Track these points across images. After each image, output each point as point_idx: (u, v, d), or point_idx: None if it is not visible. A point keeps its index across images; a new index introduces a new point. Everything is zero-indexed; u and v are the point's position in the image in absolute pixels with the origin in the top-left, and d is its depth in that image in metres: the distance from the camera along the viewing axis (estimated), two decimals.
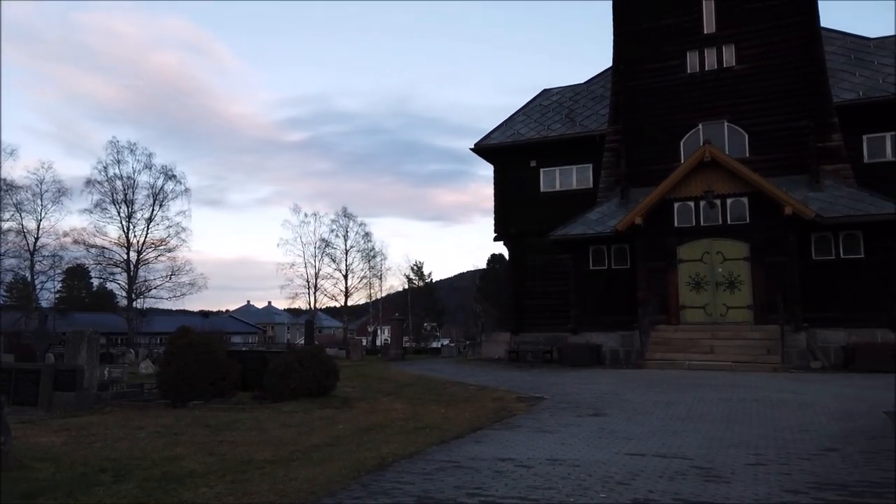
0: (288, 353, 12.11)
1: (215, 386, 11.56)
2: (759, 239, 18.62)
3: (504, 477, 5.79)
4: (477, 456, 6.74)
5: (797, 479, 5.64)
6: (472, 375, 16.73)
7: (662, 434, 7.91)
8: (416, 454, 6.90)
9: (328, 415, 9.90)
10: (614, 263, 20.89)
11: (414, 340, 58.84)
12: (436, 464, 6.40)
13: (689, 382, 13.26)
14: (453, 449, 7.18)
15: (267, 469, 6.18)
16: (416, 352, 40.92)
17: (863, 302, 17.81)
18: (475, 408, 10.54)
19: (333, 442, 7.64)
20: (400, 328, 31.95)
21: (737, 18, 21.27)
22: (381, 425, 8.91)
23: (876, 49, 22.62)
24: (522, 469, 6.10)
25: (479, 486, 5.49)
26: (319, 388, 11.63)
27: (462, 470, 6.10)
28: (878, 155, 20.71)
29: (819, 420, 8.78)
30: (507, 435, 8.04)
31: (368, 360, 28.83)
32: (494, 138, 26.33)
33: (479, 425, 8.82)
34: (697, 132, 21.29)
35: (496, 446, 7.29)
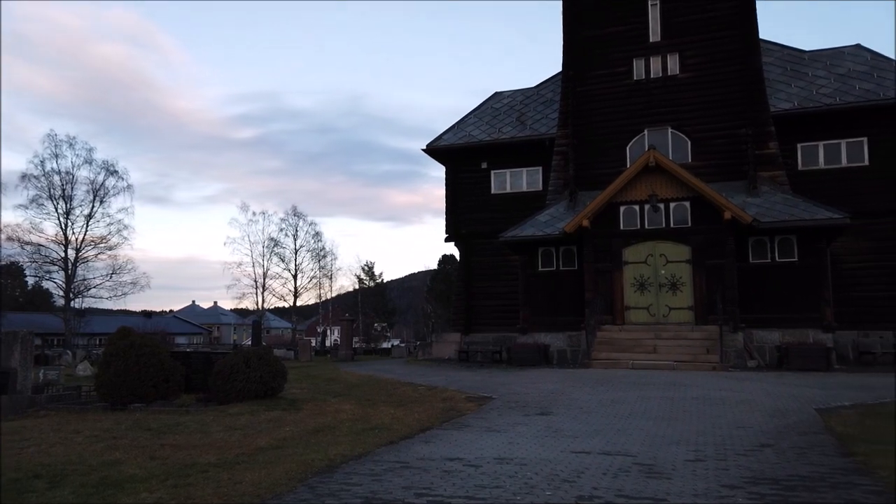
0: (234, 355, 11.87)
1: (158, 388, 11.24)
2: (700, 242, 19.25)
3: (452, 476, 5.83)
4: (426, 456, 6.76)
5: (734, 474, 5.86)
6: (422, 376, 16.74)
7: (607, 432, 8.09)
8: (364, 455, 6.87)
9: (275, 417, 9.75)
10: (563, 265, 21.25)
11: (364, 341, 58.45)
12: (384, 464, 6.39)
13: (633, 381, 13.60)
14: (402, 449, 7.18)
15: (211, 473, 6.06)
16: (366, 352, 40.67)
17: (796, 303, 18.61)
18: (425, 408, 10.56)
19: (280, 444, 7.54)
20: (350, 329, 31.71)
21: (680, 28, 21.93)
22: (330, 427, 8.84)
23: (810, 61, 23.69)
24: (471, 468, 6.16)
25: (428, 486, 5.52)
26: (266, 390, 11.44)
27: (411, 470, 6.11)
28: (811, 163, 21.70)
29: (755, 417, 9.13)
30: (455, 435, 8.08)
31: (318, 360, 28.51)
32: (446, 139, 26.42)
33: (429, 425, 8.84)
34: (643, 138, 21.86)
35: (445, 446, 7.32)
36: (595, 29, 22.94)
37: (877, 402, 10.45)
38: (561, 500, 5.03)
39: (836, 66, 22.98)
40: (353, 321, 41.08)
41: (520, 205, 24.18)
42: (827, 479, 5.63)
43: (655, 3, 22.31)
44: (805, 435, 7.80)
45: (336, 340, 53.81)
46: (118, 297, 44.40)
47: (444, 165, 26.80)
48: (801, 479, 5.63)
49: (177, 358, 12.29)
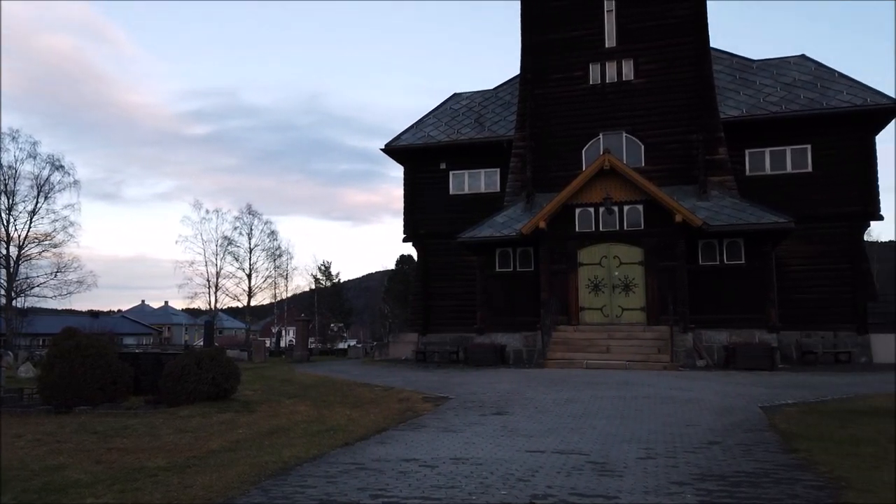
0: (185, 356, 11.60)
1: (104, 391, 10.91)
2: (653, 244, 19.69)
3: (408, 477, 5.83)
4: (381, 457, 6.74)
5: (683, 471, 6.02)
6: (378, 376, 16.67)
7: (561, 431, 8.21)
8: (319, 457, 6.81)
9: (228, 419, 9.57)
10: (519, 266, 21.45)
11: (320, 341, 57.81)
12: (340, 466, 6.34)
13: (587, 381, 13.82)
14: (358, 451, 7.14)
15: (160, 477, 5.91)
16: (322, 353, 40.23)
17: (743, 304, 19.21)
18: (381, 409, 10.53)
19: (233, 447, 7.40)
20: (306, 329, 31.32)
21: (635, 35, 22.40)
22: (284, 428, 8.73)
23: (758, 70, 24.49)
24: (426, 469, 6.16)
25: (383, 487, 5.50)
26: (219, 392, 11.22)
27: (366, 471, 6.08)
28: (758, 168, 22.44)
29: (703, 415, 9.39)
30: (412, 435, 8.08)
31: (272, 361, 28.08)
32: (405, 139, 26.37)
33: (385, 426, 8.82)
34: (598, 141, 22.24)
35: (401, 447, 7.31)
36: (553, 33, 23.23)
37: (818, 401, 10.87)
38: (516, 499, 5.08)
39: (782, 76, 23.82)
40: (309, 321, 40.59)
41: (478, 206, 24.30)
42: (771, 475, 5.83)
43: (611, 10, 22.73)
44: (750, 432, 8.06)
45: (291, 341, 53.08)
46: (63, 297, 42.89)
47: (403, 165, 26.75)
48: (746, 475, 5.82)
49: (125, 359, 11.95)
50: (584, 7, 22.95)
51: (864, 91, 22.04)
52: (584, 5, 22.97)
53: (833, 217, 21.57)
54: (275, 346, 45.54)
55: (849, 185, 21.62)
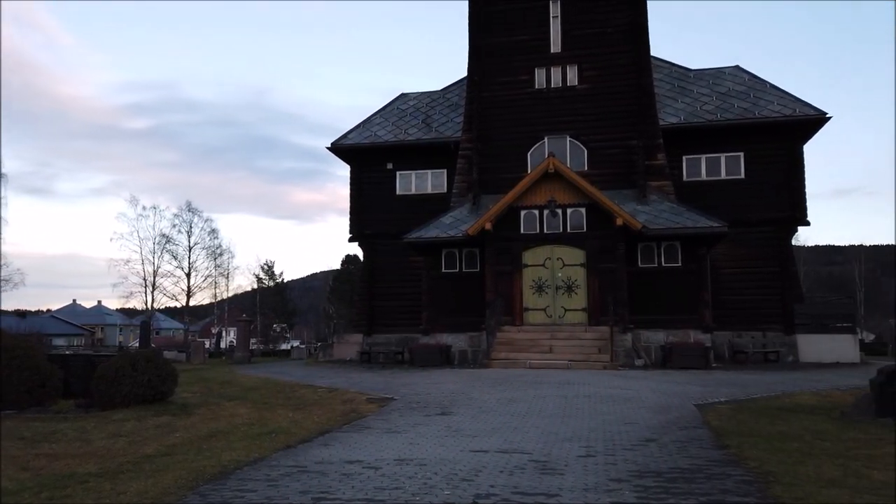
0: (119, 357, 11.19)
1: (32, 394, 10.41)
2: (595, 247, 20.14)
3: (351, 479, 5.79)
4: (324, 459, 6.67)
5: (621, 468, 6.18)
6: (322, 377, 16.48)
7: (505, 430, 8.30)
8: (260, 460, 6.69)
9: (164, 422, 9.29)
10: (465, 267, 21.59)
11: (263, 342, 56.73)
12: (281, 469, 6.25)
13: (530, 380, 14.02)
14: (300, 453, 7.05)
15: (91, 483, 5.69)
16: (264, 354, 39.49)
17: (679, 305, 19.86)
18: (324, 410, 10.41)
19: (169, 451, 7.19)
20: (247, 330, 30.68)
21: (578, 42, 22.87)
22: (224, 431, 8.53)
23: (695, 79, 25.38)
24: (370, 470, 6.14)
25: (326, 489, 5.45)
26: (155, 394, 10.87)
27: (308, 474, 6.01)
28: (695, 174, 23.25)
29: (641, 413, 9.67)
30: (355, 437, 8.03)
31: (212, 363, 27.38)
32: (351, 139, 26.17)
33: (328, 428, 8.73)
34: (543, 145, 22.60)
35: (344, 449, 7.26)
36: (499, 36, 23.48)
37: (748, 398, 11.34)
38: (459, 499, 5.12)
39: (718, 85, 24.75)
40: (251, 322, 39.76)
41: (425, 206, 24.32)
42: (704, 471, 6.06)
43: (556, 16, 23.14)
44: (685, 429, 8.34)
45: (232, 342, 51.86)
46: None
47: (350, 165, 26.54)
48: (681, 472, 6.02)
49: (55, 361, 11.44)
50: (531, 12, 23.29)
51: (793, 102, 23.13)
52: (530, 11, 23.31)
53: (763, 222, 22.54)
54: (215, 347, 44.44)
55: (778, 191, 22.64)
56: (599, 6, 22.86)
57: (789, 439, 7.47)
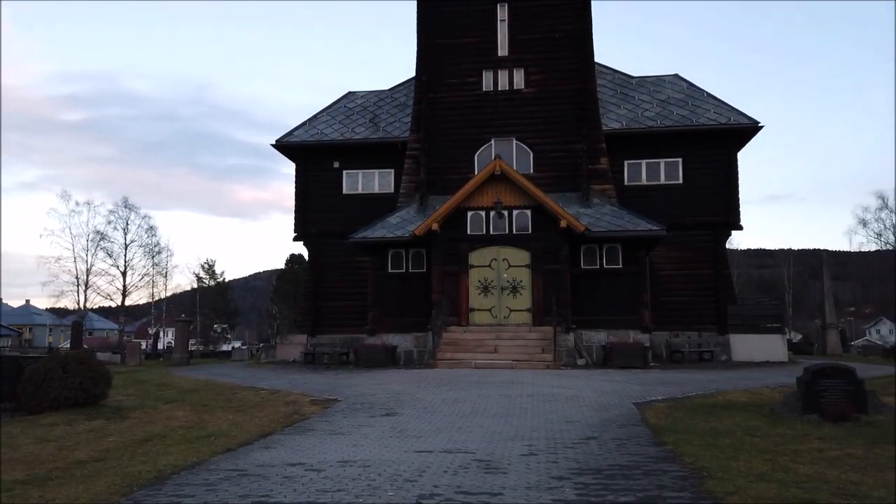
0: (49, 359, 10.71)
1: None
2: (539, 248, 20.45)
3: (293, 482, 5.70)
4: (266, 462, 6.55)
5: (562, 466, 6.30)
6: (264, 379, 16.17)
7: (449, 430, 8.34)
8: (198, 464, 6.52)
9: (97, 426, 8.94)
10: (412, 267, 21.56)
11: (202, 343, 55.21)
12: (220, 473, 6.10)
13: (474, 380, 14.11)
14: (241, 456, 6.91)
15: (17, 491, 5.42)
16: (203, 355, 38.45)
17: (620, 306, 20.36)
18: (266, 413, 10.22)
19: (102, 456, 6.93)
20: (186, 330, 29.81)
21: (525, 46, 23.18)
22: (160, 435, 8.27)
23: (637, 86, 26.09)
24: (313, 473, 6.06)
25: (267, 493, 5.35)
26: (87, 398, 10.44)
27: (249, 478, 5.89)
28: (636, 178, 23.88)
29: (582, 412, 9.87)
30: (298, 439, 7.91)
31: (148, 365, 26.48)
32: (297, 136, 25.77)
33: (270, 430, 8.58)
34: (490, 147, 22.79)
35: (287, 451, 7.14)
36: (448, 38, 23.56)
37: (684, 396, 11.73)
38: (402, 500, 5.11)
39: (658, 93, 25.51)
40: (190, 322, 38.67)
41: (371, 206, 24.15)
42: (642, 468, 6.23)
43: (504, 20, 23.39)
44: (624, 427, 8.56)
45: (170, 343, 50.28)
46: None
47: (295, 162, 26.13)
48: (620, 469, 6.18)
49: None
50: (479, 15, 23.46)
51: (729, 111, 24.05)
52: (478, 13, 23.48)
53: (700, 226, 23.34)
54: (152, 348, 43.02)
55: (714, 196, 23.49)
56: (546, 12, 23.21)
57: (722, 435, 7.76)
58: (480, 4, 23.51)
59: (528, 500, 5.13)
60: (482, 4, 23.50)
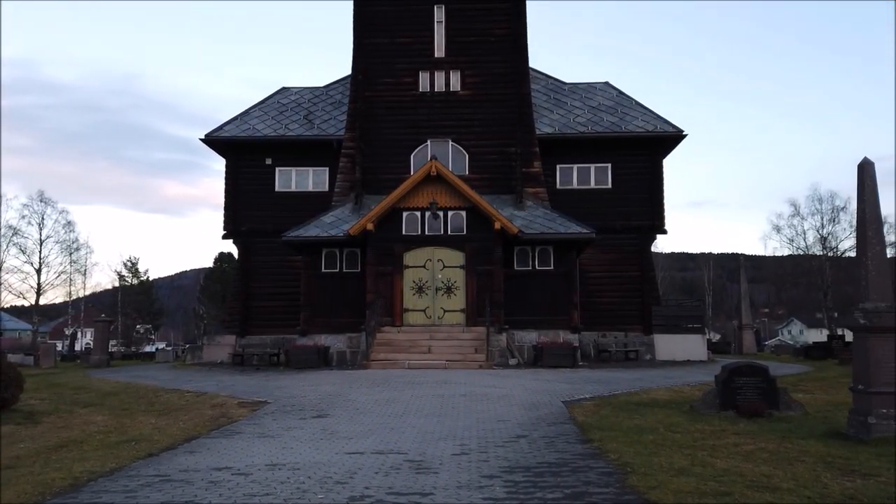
0: None
1: None
2: (474, 249, 20.64)
3: (219, 487, 5.55)
4: (190, 467, 6.35)
5: (493, 464, 6.39)
6: (190, 381, 15.65)
7: (381, 431, 8.31)
8: (118, 470, 6.25)
9: (7, 432, 8.43)
10: (346, 267, 21.35)
11: (124, 345, 52.87)
12: (141, 479, 5.87)
13: (408, 381, 14.11)
14: (163, 461, 6.67)
15: None
16: (125, 357, 36.82)
17: (551, 307, 20.79)
18: (191, 416, 9.90)
19: (12, 464, 6.54)
20: (106, 331, 28.49)
21: (461, 48, 23.34)
22: (76, 441, 7.89)
23: (569, 92, 26.72)
24: (240, 477, 5.92)
25: (190, 499, 5.19)
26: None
27: (172, 483, 5.70)
28: (567, 182, 24.45)
29: (513, 411, 10.03)
30: (224, 443, 7.71)
31: (64, 367, 25.16)
32: (227, 131, 25.07)
33: (195, 434, 8.32)
34: (426, 148, 22.84)
35: (212, 455, 6.95)
36: (385, 37, 23.45)
37: (610, 395, 12.10)
38: (333, 502, 5.06)
39: (590, 99, 26.21)
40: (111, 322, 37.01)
41: (305, 204, 23.75)
42: (569, 464, 6.39)
43: (441, 21, 23.49)
44: (553, 425, 8.76)
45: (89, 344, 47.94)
46: None
47: (225, 158, 25.40)
48: (548, 466, 6.32)
49: None
50: (416, 16, 23.47)
51: (655, 119, 24.96)
52: (415, 14, 23.48)
53: (627, 229, 24.12)
54: (68, 349, 40.88)
55: (641, 201, 24.32)
56: (481, 15, 23.46)
57: (645, 432, 8.05)
58: (417, 5, 23.53)
59: (459, 499, 5.17)
60: (419, 5, 23.52)
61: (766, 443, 7.32)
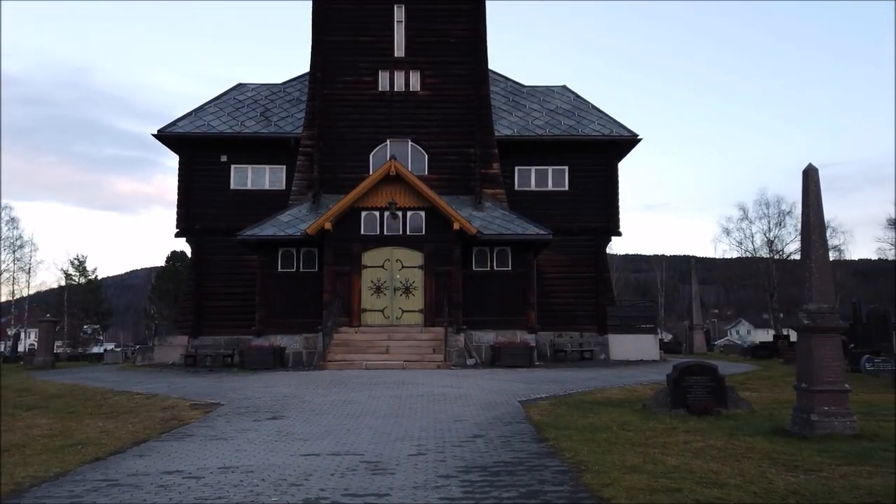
0: None
1: None
2: (432, 249, 20.66)
3: (169, 491, 5.42)
4: (139, 471, 6.19)
5: (450, 464, 6.40)
6: (140, 383, 15.24)
7: (337, 432, 8.24)
8: (63, 475, 6.05)
9: None
10: (303, 266, 21.10)
11: (71, 345, 51.13)
12: (88, 484, 5.69)
13: (365, 381, 14.03)
14: (111, 465, 6.48)
15: None
16: (72, 358, 35.62)
17: (508, 307, 20.95)
18: (141, 419, 9.65)
19: None
20: (51, 331, 27.50)
21: (421, 49, 23.33)
22: (19, 445, 7.60)
23: (528, 95, 26.99)
24: (191, 480, 5.79)
25: (139, 503, 5.05)
26: None
27: (120, 488, 5.54)
28: (525, 184, 24.69)
29: (470, 411, 10.07)
30: (176, 446, 7.53)
31: (6, 369, 24.16)
32: (181, 127, 24.49)
33: (145, 437, 8.11)
34: (385, 147, 22.74)
35: (163, 459, 6.78)
36: (344, 35, 23.26)
37: (566, 394, 12.26)
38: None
39: (547, 102, 26.52)
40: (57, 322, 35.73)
41: (261, 203, 23.38)
42: (525, 463, 6.46)
43: (401, 21, 23.42)
44: (510, 425, 8.83)
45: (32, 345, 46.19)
46: None
47: (179, 155, 24.80)
48: (504, 465, 6.37)
49: None
50: (376, 14, 23.36)
51: (611, 123, 25.41)
52: (375, 13, 23.37)
53: (583, 231, 24.49)
54: (10, 350, 39.31)
55: (597, 203, 24.72)
56: (442, 16, 23.49)
57: (599, 430, 8.19)
58: (377, 4, 23.42)
59: (415, 499, 5.17)
60: (379, 4, 23.41)
61: (714, 440, 7.53)
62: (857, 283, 53.33)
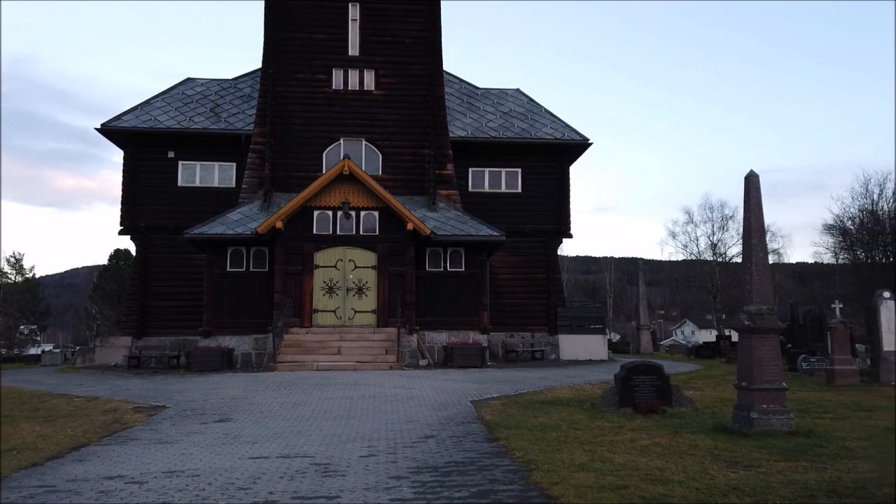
0: None
1: None
2: (386, 250, 20.57)
3: (110, 497, 5.26)
4: (78, 476, 5.97)
5: (401, 465, 6.39)
6: (80, 386, 14.70)
7: (287, 434, 8.13)
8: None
9: None
10: (253, 266, 20.72)
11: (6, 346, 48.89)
12: (23, 490, 5.46)
13: (316, 383, 13.87)
14: (48, 471, 6.23)
15: None
16: (6, 360, 34.10)
17: (461, 308, 21.04)
18: (80, 422, 9.31)
19: None
20: None
21: (375, 48, 23.22)
22: None
23: (482, 97, 27.18)
24: (134, 486, 5.62)
25: None
26: None
27: (58, 494, 5.34)
28: (479, 186, 24.85)
29: (422, 411, 10.08)
30: (118, 450, 7.30)
31: None
32: (127, 121, 23.74)
33: (85, 442, 7.83)
34: (339, 146, 22.55)
35: (104, 464, 6.56)
36: (297, 32, 22.96)
37: (517, 394, 12.39)
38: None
39: (501, 105, 26.76)
40: None
41: (210, 201, 22.88)
42: (476, 463, 6.50)
43: (356, 19, 23.26)
44: (462, 425, 8.87)
45: None
46: None
47: (123, 150, 24.04)
48: (456, 465, 6.40)
49: None
50: (330, 12, 23.13)
51: (563, 127, 25.81)
52: (329, 10, 23.15)
53: (535, 233, 24.81)
54: None
55: (548, 206, 25.08)
56: (397, 16, 23.43)
57: (549, 430, 8.31)
58: (331, 1, 23.20)
59: (366, 501, 5.14)
60: (333, 1, 23.20)
61: (659, 438, 7.73)
62: (795, 285, 55.53)
